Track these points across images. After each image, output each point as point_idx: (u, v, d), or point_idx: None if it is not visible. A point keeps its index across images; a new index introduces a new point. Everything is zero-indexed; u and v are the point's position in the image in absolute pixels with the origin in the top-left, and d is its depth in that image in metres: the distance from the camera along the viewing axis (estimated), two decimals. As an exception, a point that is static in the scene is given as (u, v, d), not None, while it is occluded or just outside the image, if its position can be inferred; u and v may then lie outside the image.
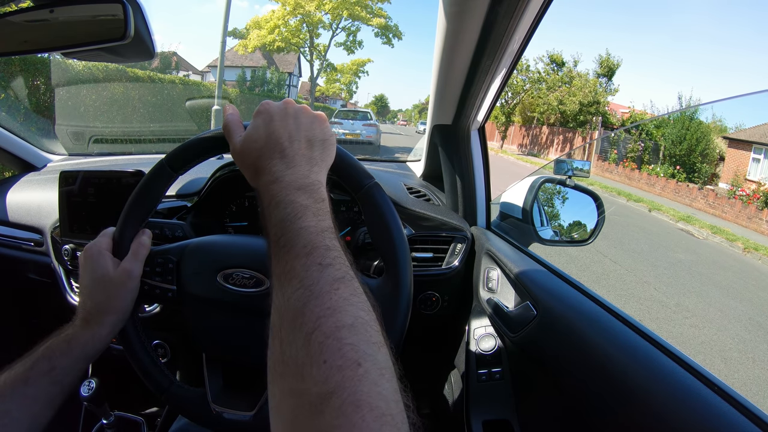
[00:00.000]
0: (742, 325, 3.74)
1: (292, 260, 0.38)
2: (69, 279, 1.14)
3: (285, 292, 0.37)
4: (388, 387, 0.30)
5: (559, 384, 0.73)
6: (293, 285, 0.36)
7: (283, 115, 0.50)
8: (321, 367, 0.30)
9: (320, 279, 0.36)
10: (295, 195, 0.43)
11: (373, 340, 0.33)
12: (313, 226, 0.41)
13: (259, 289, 0.61)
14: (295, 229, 0.40)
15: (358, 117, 12.96)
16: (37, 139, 1.57)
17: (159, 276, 0.64)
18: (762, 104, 13.18)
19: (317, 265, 0.37)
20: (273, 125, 0.49)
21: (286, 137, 0.48)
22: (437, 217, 1.09)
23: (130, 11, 0.59)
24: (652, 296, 4.09)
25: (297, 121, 0.50)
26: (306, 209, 0.42)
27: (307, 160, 0.48)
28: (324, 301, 0.34)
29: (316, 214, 0.42)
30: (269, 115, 0.50)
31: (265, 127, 0.49)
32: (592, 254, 4.72)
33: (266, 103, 0.52)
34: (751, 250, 6.06)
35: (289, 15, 19.11)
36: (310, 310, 0.34)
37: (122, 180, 1.02)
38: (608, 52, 19.48)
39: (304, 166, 0.47)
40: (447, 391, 1.19)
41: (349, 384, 0.29)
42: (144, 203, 0.62)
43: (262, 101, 0.53)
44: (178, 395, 0.64)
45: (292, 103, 0.52)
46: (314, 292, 0.35)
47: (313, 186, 0.45)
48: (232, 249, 0.66)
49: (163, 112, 9.42)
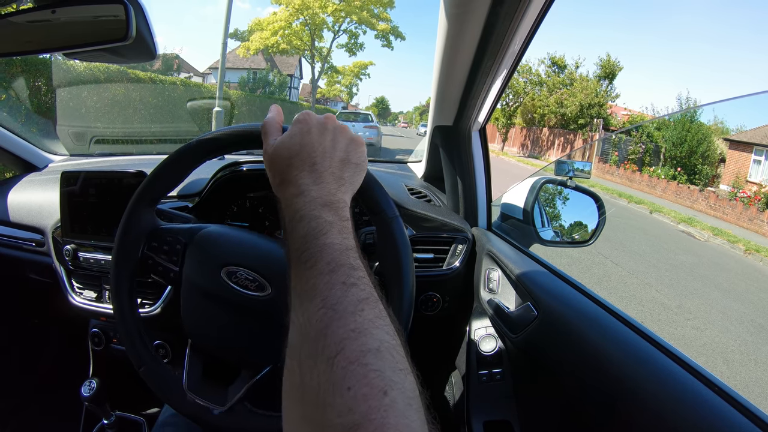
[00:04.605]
0: (744, 326, 3.73)
1: (314, 277, 0.37)
2: (70, 279, 1.14)
3: (306, 310, 0.35)
4: (416, 419, 0.29)
5: (560, 384, 0.73)
6: (315, 303, 0.34)
7: (321, 129, 0.49)
8: (345, 395, 0.28)
9: (344, 299, 0.34)
10: (321, 211, 0.42)
11: (400, 366, 0.31)
12: (338, 243, 0.39)
13: (260, 293, 0.60)
14: (318, 245, 0.39)
15: (360, 119, 12.98)
16: (38, 140, 1.57)
17: (165, 254, 0.63)
18: (763, 105, 13.18)
19: (341, 284, 0.35)
20: (309, 137, 0.48)
21: (319, 152, 0.47)
22: (438, 217, 1.09)
23: (132, 12, 0.60)
24: (654, 298, 4.08)
25: (334, 139, 0.49)
26: (331, 226, 0.41)
27: (336, 179, 0.47)
28: (348, 323, 0.32)
29: (341, 232, 0.41)
30: (308, 126, 0.49)
31: (301, 137, 0.48)
32: (594, 256, 4.70)
33: (307, 113, 0.51)
34: (753, 251, 6.05)
35: (293, 17, 19.15)
36: (333, 331, 0.32)
37: (123, 180, 1.02)
38: (608, 55, 19.54)
39: (332, 184, 0.46)
40: (448, 392, 1.19)
41: (376, 415, 0.27)
42: (171, 175, 0.62)
43: (299, 116, 0.52)
44: (154, 371, 0.63)
45: (332, 119, 0.51)
46: (338, 312, 0.33)
47: (339, 204, 0.44)
48: (241, 246, 0.64)
49: (164, 113, 9.44)
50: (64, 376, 1.55)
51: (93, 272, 1.09)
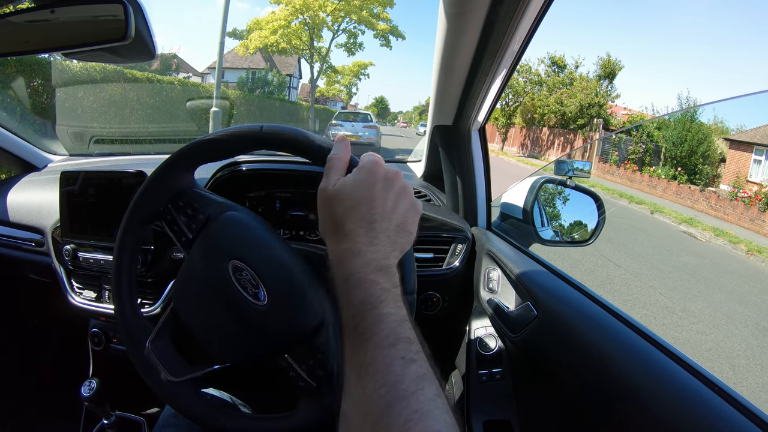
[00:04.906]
0: (748, 330, 3.68)
1: (372, 350, 0.36)
2: (69, 279, 1.14)
3: (365, 386, 0.34)
4: None
5: (560, 384, 0.73)
6: (375, 381, 0.34)
7: (386, 186, 0.47)
8: None
9: (404, 376, 0.34)
10: (376, 275, 0.41)
11: None
12: (394, 313, 0.39)
13: (256, 302, 0.57)
14: (375, 315, 0.38)
15: (359, 119, 12.92)
16: (37, 140, 1.57)
17: (185, 217, 0.62)
18: (763, 105, 13.18)
19: (400, 359, 0.35)
20: (373, 192, 0.46)
21: (380, 211, 0.46)
22: (438, 217, 1.09)
23: (131, 12, 0.60)
24: (658, 301, 4.03)
25: (397, 200, 0.47)
26: (387, 293, 0.40)
27: (390, 242, 0.45)
28: (411, 403, 0.32)
29: (396, 301, 0.40)
30: (374, 178, 0.47)
31: (365, 189, 0.46)
32: (597, 258, 4.66)
33: (377, 162, 0.49)
34: (755, 252, 6.02)
35: (292, 16, 19.11)
36: (396, 412, 0.32)
37: (123, 180, 1.02)
38: (609, 54, 19.53)
39: (386, 247, 0.44)
40: (447, 392, 1.18)
41: None
42: (219, 149, 0.61)
43: (368, 154, 0.50)
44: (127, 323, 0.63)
45: (400, 177, 0.49)
46: (399, 392, 0.33)
47: (391, 269, 0.43)
48: (260, 248, 0.60)
49: (163, 113, 9.44)
50: (63, 376, 1.55)
51: (93, 272, 1.09)
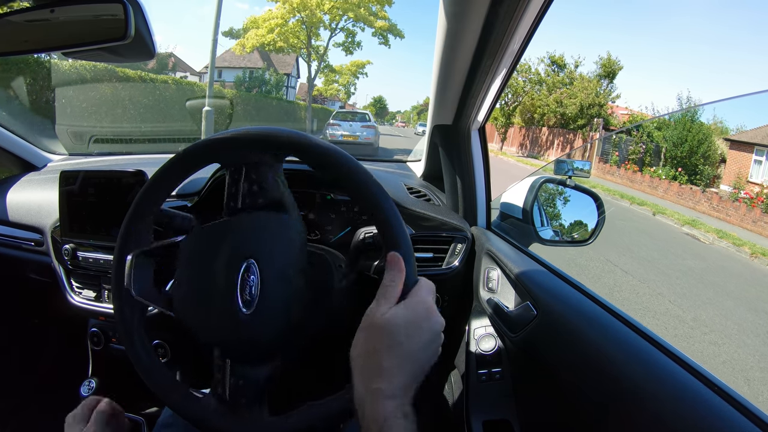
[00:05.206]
0: (760, 339, 3.60)
1: None
2: (69, 279, 1.14)
3: None
4: None
5: (559, 384, 0.73)
6: None
7: (431, 331, 0.49)
8: None
9: None
10: (402, 420, 0.43)
11: None
12: None
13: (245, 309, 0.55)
14: None
15: (357, 118, 12.85)
16: (37, 139, 1.57)
17: (249, 184, 0.61)
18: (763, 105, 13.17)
19: None
20: (419, 335, 0.47)
21: (416, 353, 0.47)
22: (437, 217, 1.09)
23: (131, 11, 0.60)
24: (668, 310, 3.93)
25: (430, 346, 0.49)
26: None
27: (415, 381, 0.47)
28: None
29: None
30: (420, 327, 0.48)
31: (413, 329, 0.47)
32: (603, 263, 4.58)
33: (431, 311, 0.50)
34: (759, 255, 5.96)
35: (290, 14, 19.04)
36: None
37: (123, 180, 1.02)
38: (609, 53, 19.51)
39: (412, 387, 0.46)
40: (447, 391, 1.19)
41: None
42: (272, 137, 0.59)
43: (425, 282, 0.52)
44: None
45: (442, 325, 0.51)
46: None
47: (411, 410, 0.45)
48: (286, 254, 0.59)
49: (161, 113, 9.44)
50: (63, 376, 1.55)
51: (92, 272, 1.09)
